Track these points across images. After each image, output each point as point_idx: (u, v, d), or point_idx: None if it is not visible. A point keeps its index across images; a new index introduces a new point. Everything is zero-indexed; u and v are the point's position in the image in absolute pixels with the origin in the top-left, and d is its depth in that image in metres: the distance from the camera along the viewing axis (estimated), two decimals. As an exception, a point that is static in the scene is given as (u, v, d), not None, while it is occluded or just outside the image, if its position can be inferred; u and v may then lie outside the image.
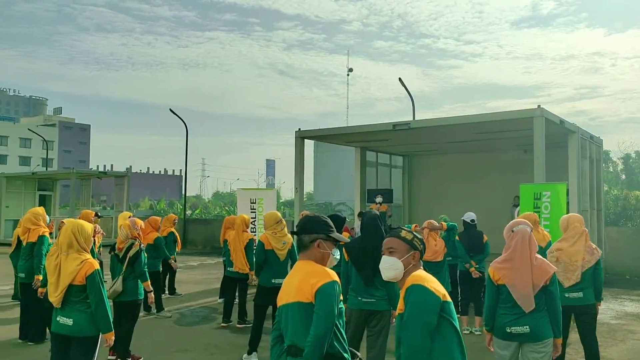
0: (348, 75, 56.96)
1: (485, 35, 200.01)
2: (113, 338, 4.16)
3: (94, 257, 4.46)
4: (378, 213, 5.32)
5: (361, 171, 15.62)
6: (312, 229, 2.85)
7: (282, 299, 2.77)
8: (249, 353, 6.20)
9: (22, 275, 7.00)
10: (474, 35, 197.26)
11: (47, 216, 7.36)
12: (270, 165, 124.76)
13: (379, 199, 12.23)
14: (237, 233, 8.08)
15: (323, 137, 14.87)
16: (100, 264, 5.81)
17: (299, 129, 13.09)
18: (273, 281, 6.12)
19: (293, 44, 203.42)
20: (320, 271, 2.71)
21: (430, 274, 2.84)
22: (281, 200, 50.22)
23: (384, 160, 17.07)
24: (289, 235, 6.29)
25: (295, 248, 6.13)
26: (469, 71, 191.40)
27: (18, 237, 7.23)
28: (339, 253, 2.89)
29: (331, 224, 2.92)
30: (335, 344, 2.67)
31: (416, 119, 13.83)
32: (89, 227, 4.22)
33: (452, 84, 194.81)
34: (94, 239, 6.25)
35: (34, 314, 6.81)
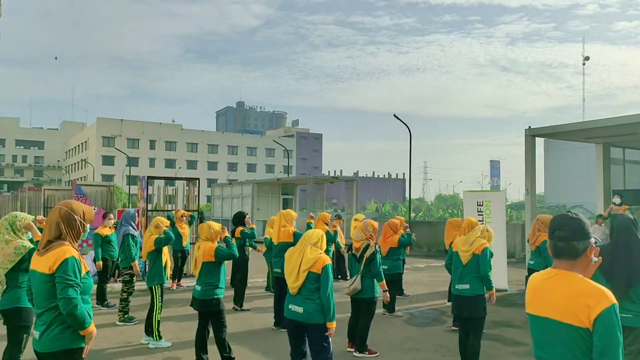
0: (584, 64, 51.45)
1: None
2: (334, 327, 4.45)
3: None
4: (632, 217, 4.66)
5: (604, 170, 13.89)
6: (585, 234, 2.40)
7: (536, 309, 2.46)
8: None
9: (277, 270, 7.91)
10: None
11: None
12: (494, 166, 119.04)
13: (616, 200, 10.77)
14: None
15: (557, 134, 13.61)
16: None
17: (529, 126, 12.23)
18: (457, 286, 5.75)
19: (517, 37, 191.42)
20: (594, 291, 2.27)
21: None
22: (508, 203, 47.50)
23: (633, 156, 14.89)
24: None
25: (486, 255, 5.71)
26: None
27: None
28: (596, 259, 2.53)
29: None
30: None
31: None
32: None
33: None
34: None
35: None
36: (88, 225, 3.35)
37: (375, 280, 6.31)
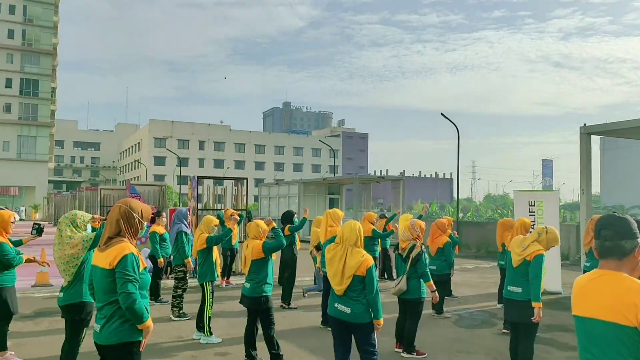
0: (642, 58, 48.86)
1: None
2: (381, 324, 4.43)
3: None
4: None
5: (665, 169, 13.22)
6: (633, 234, 2.35)
7: (582, 310, 2.43)
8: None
9: (325, 269, 7.95)
10: None
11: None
12: (546, 165, 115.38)
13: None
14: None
15: (614, 131, 13.07)
16: None
17: (584, 124, 11.81)
18: (509, 288, 5.47)
19: (570, 32, 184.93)
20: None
21: None
22: (561, 203, 45.94)
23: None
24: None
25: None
26: None
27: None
28: None
29: None
30: None
31: None
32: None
33: None
34: None
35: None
36: (145, 223, 3.48)
37: (422, 280, 6.25)
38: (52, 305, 8.94)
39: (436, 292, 6.50)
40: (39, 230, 6.12)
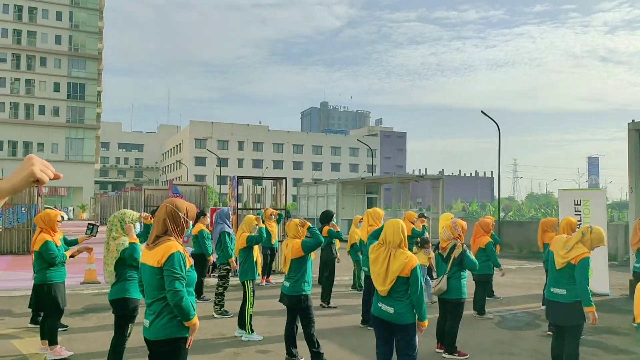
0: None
1: None
2: (425, 326, 4.39)
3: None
4: None
5: None
6: None
7: None
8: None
9: (365, 269, 7.93)
10: None
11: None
12: (592, 163, 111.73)
13: None
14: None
15: (665, 127, 12.56)
16: None
17: (632, 120, 11.39)
18: (552, 290, 5.29)
19: (617, 25, 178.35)
20: None
21: None
22: (608, 202, 44.45)
23: None
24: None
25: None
26: None
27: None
28: None
29: None
30: None
31: None
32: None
33: None
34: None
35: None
36: (190, 222, 3.58)
37: (462, 281, 6.18)
38: (100, 301, 9.26)
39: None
40: (92, 230, 6.32)
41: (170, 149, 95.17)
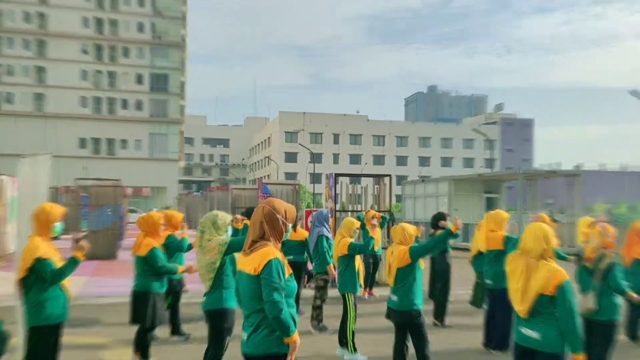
0: None
1: None
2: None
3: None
4: None
5: None
6: None
7: None
8: None
9: (489, 282, 7.70)
10: None
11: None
12: None
13: None
14: None
15: None
16: None
17: None
18: None
19: None
20: None
21: None
22: None
23: None
24: None
25: None
26: None
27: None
28: None
29: None
30: None
31: None
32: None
33: None
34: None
35: (500, 321, 7.42)
36: (290, 225, 3.66)
37: (615, 299, 5.79)
38: (190, 311, 9.76)
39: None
40: None
41: (258, 144, 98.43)
